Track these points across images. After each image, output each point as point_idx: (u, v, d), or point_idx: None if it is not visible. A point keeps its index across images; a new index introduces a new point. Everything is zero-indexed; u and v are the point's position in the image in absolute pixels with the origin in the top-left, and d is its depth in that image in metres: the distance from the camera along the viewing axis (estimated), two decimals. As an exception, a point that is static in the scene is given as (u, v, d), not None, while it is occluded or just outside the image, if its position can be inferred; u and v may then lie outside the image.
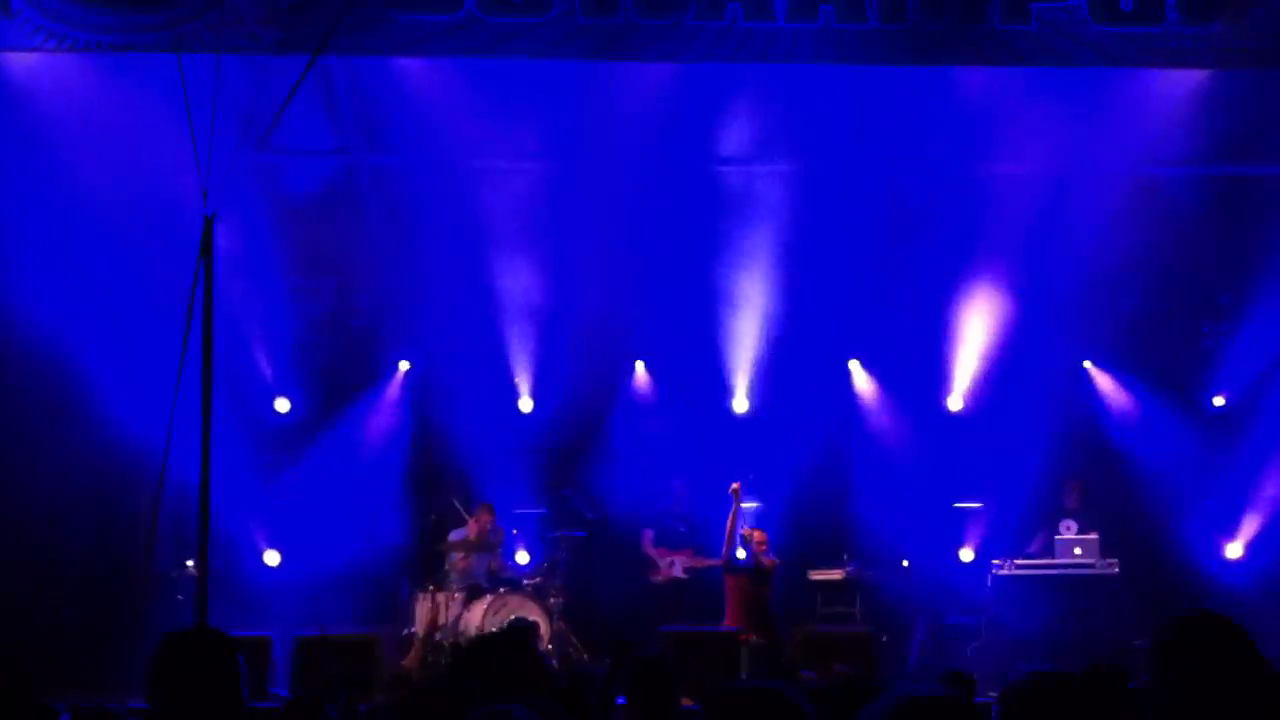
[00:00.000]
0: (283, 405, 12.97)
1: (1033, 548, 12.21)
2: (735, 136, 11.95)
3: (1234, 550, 12.76)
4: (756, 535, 11.40)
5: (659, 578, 12.37)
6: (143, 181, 10.53)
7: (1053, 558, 11.78)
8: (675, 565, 12.35)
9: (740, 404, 13.27)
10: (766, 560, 11.32)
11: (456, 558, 11.97)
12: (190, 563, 11.26)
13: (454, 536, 12.11)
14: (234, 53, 8.31)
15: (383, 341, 13.24)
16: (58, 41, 8.84)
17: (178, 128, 6.75)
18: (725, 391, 13.24)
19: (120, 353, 11.41)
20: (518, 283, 12.60)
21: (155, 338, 10.41)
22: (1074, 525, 12.14)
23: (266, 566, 12.49)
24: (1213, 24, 9.08)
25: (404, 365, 13.37)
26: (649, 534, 12.55)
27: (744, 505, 11.50)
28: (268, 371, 12.85)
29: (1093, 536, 11.76)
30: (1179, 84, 10.68)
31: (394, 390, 13.36)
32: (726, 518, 11.41)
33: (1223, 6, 9.11)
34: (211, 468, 7.06)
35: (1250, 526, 12.75)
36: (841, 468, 13.26)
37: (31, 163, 10.93)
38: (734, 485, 11.44)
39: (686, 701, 6.74)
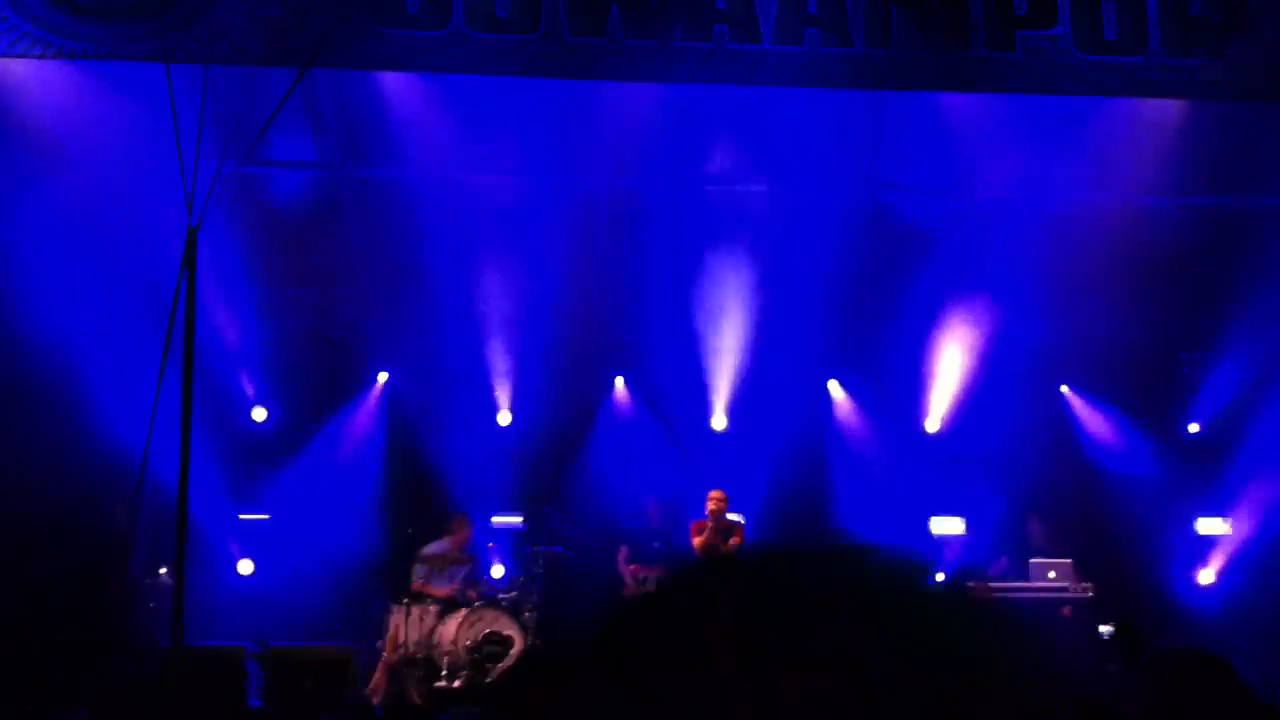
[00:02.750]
0: (260, 415, 12.94)
1: (994, 570, 12.26)
2: (718, 156, 11.99)
3: (1206, 577, 12.85)
4: (715, 495, 11.39)
5: (631, 594, 12.38)
6: (126, 191, 10.51)
7: (1026, 580, 11.83)
8: (649, 582, 12.35)
9: (719, 421, 13.30)
10: (723, 548, 11.32)
11: (431, 570, 11.97)
12: (164, 570, 11.22)
13: (431, 550, 12.09)
14: (221, 64, 8.30)
15: (362, 353, 13.23)
16: (43, 48, 8.79)
17: (162, 138, 6.74)
18: (704, 409, 13.27)
19: (100, 361, 11.37)
20: (499, 297, 12.61)
21: (135, 347, 10.39)
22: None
23: (240, 576, 12.46)
24: (1192, 56, 9.16)
25: (383, 377, 13.36)
26: (624, 550, 12.57)
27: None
28: (247, 381, 12.83)
29: (1067, 561, 11.81)
30: (1161, 114, 10.80)
31: (372, 401, 13.35)
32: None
33: (1203, 39, 9.19)
34: (190, 477, 7.03)
35: (1222, 553, 12.85)
36: (818, 486, 13.31)
37: (13, 169, 10.88)
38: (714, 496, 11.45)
39: None
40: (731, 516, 11.81)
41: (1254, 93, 9.43)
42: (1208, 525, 12.96)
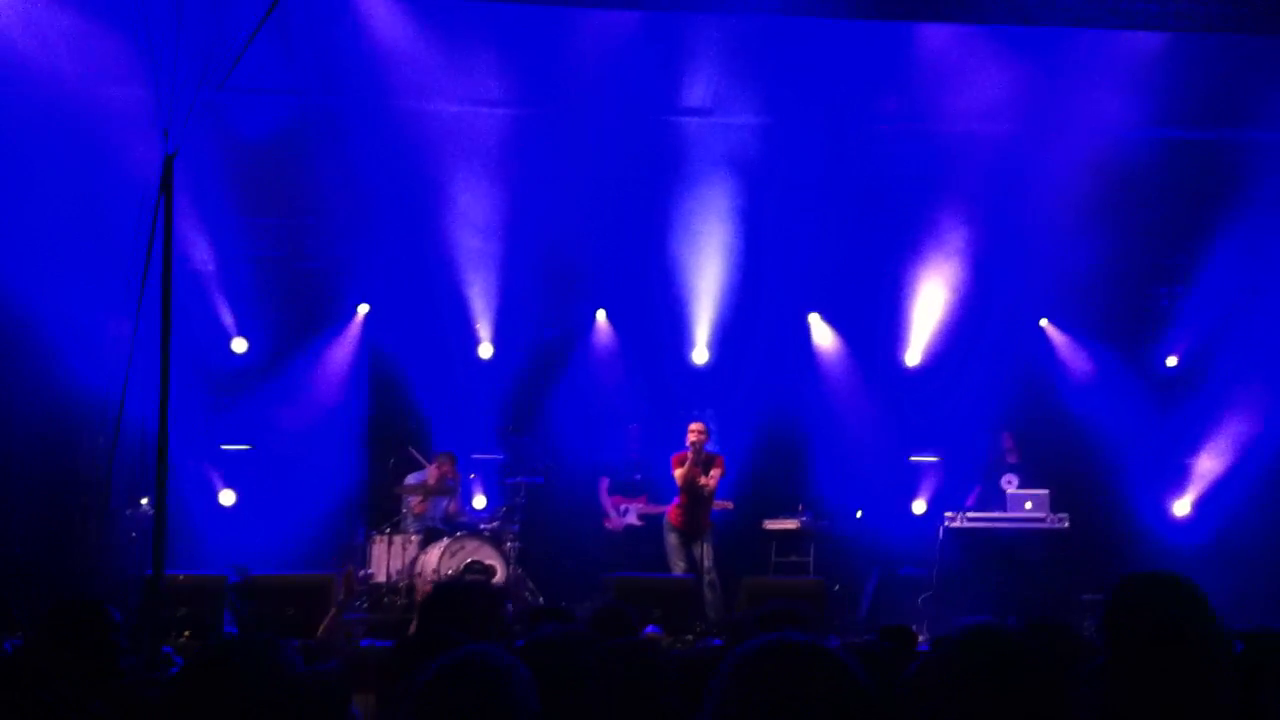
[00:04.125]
0: (240, 346, 12.90)
1: (970, 501, 12.39)
2: (697, 87, 11.90)
3: (1182, 508, 12.99)
4: (695, 426, 11.48)
5: (613, 525, 12.47)
6: (98, 120, 10.36)
7: (1002, 510, 11.95)
8: (630, 512, 12.43)
9: (700, 355, 13.32)
10: (704, 480, 11.42)
11: (413, 501, 12.01)
12: (145, 501, 11.22)
13: (412, 480, 12.14)
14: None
15: (343, 284, 13.17)
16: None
17: (137, 66, 6.65)
18: (685, 342, 13.28)
19: (76, 291, 11.29)
20: (479, 229, 12.55)
21: (111, 276, 10.32)
22: (1015, 479, 12.32)
23: (221, 506, 12.47)
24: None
25: (363, 308, 13.31)
26: (605, 481, 12.63)
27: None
28: (226, 312, 12.77)
29: (1043, 491, 11.92)
30: (1140, 46, 10.75)
31: (353, 333, 13.30)
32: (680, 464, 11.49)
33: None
34: (169, 407, 7.01)
35: (1198, 485, 12.98)
36: (799, 420, 13.36)
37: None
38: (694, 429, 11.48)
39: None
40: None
41: (1229, 24, 9.41)
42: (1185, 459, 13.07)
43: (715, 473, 11.49)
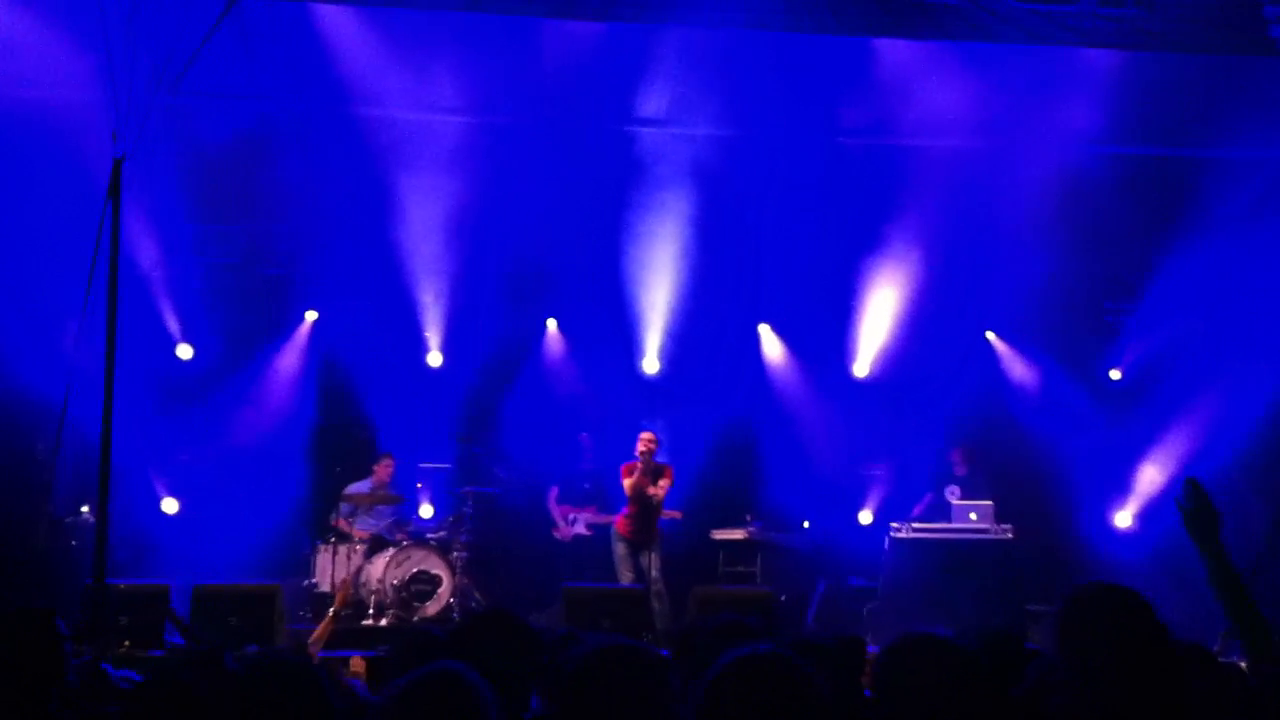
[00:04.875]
0: (185, 352, 12.77)
1: (916, 511, 12.49)
2: (654, 98, 11.92)
3: (1124, 520, 13.16)
4: (646, 436, 11.49)
5: (561, 534, 12.45)
6: (50, 121, 10.23)
7: (948, 521, 12.05)
8: (579, 522, 12.42)
9: (651, 364, 13.34)
10: (652, 490, 11.43)
11: (357, 509, 11.96)
12: (86, 508, 11.09)
13: (354, 489, 12.05)
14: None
15: (292, 291, 13.08)
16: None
17: (88, 67, 6.58)
18: (636, 352, 13.30)
19: (21, 295, 11.14)
20: (431, 237, 12.50)
21: (58, 280, 10.19)
22: (958, 490, 12.41)
23: (165, 514, 12.33)
24: (1126, 6, 9.25)
25: (312, 315, 13.23)
26: (554, 490, 12.61)
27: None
28: (172, 318, 12.65)
29: (987, 503, 12.02)
30: (1097, 63, 10.87)
31: (301, 340, 13.22)
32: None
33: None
34: (113, 413, 6.94)
35: (1139, 498, 13.15)
36: (748, 429, 13.41)
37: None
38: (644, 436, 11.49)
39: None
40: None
41: (1182, 44, 9.56)
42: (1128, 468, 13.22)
43: (664, 483, 11.51)
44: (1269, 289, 12.46)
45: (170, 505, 12.37)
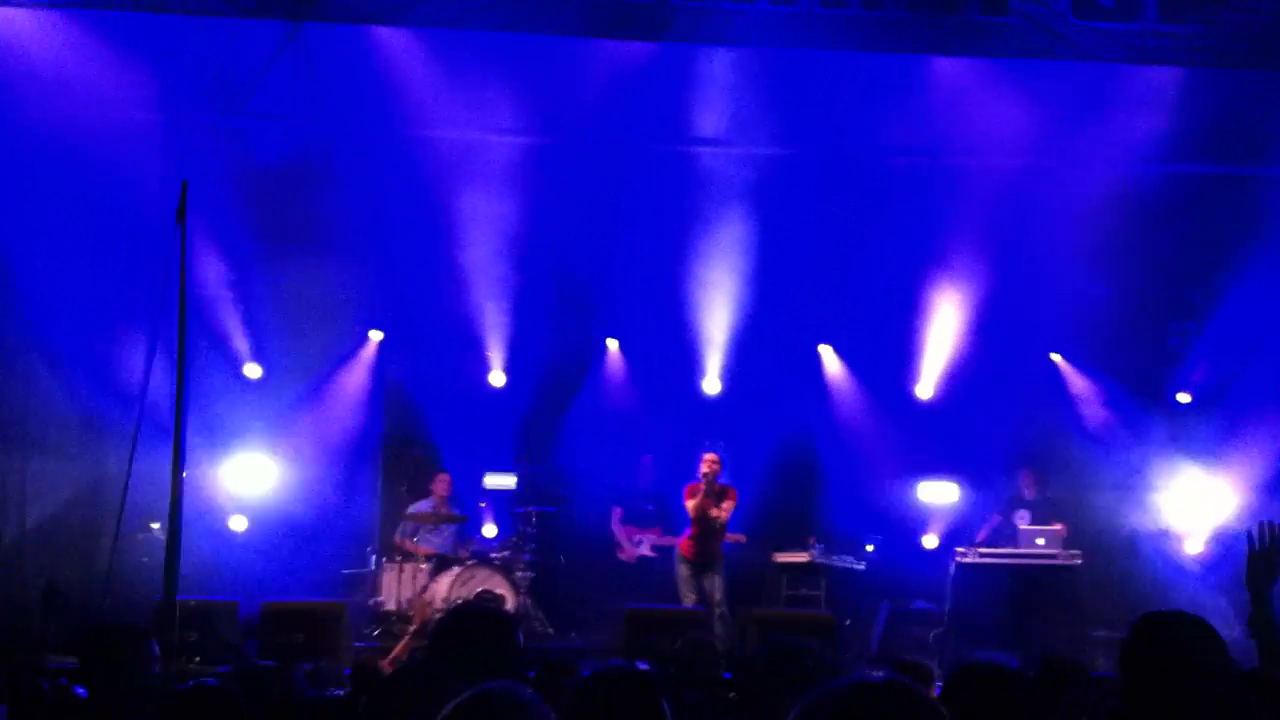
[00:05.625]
0: (254, 371, 12.93)
1: (981, 535, 12.33)
2: (712, 118, 11.93)
3: (1194, 547, 12.90)
4: (709, 457, 11.45)
5: (626, 556, 12.44)
6: (112, 146, 10.40)
7: (1015, 546, 11.89)
8: (644, 544, 12.41)
9: (711, 385, 13.33)
10: (715, 511, 11.39)
11: (420, 528, 12.05)
12: (156, 525, 11.24)
13: (416, 509, 12.14)
14: (208, 15, 8.20)
15: (357, 311, 13.21)
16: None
17: (151, 92, 6.69)
18: (697, 372, 13.30)
19: (90, 316, 11.33)
20: (493, 257, 12.59)
21: (129, 301, 10.35)
22: (1028, 515, 12.25)
23: (233, 532, 12.47)
24: (1188, 23, 9.14)
25: (376, 335, 13.35)
26: (618, 512, 12.61)
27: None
28: (241, 337, 12.81)
29: (1056, 528, 11.87)
30: (1155, 80, 10.75)
31: (367, 359, 13.34)
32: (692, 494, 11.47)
33: (1197, 7, 9.17)
34: (184, 433, 7.05)
35: (1210, 524, 12.89)
36: (810, 451, 13.35)
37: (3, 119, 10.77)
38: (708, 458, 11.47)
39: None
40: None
41: (1245, 60, 9.43)
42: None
43: (727, 505, 11.47)
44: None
45: (238, 523, 12.50)
